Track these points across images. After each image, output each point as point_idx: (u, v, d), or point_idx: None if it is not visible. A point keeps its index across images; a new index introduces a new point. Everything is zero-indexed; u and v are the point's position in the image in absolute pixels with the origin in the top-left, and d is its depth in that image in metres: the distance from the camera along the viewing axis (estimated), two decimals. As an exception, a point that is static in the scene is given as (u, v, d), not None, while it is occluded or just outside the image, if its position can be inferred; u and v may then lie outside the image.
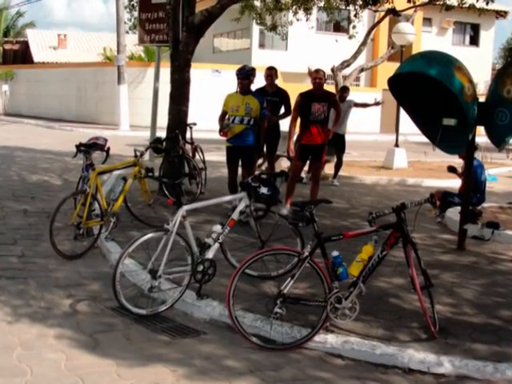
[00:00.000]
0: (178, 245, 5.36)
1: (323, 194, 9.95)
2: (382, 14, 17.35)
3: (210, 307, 5.29)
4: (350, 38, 18.26)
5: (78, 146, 7.38)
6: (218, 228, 5.55)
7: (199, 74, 22.51)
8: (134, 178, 7.76)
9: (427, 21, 36.58)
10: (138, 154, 7.81)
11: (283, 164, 12.62)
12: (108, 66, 27.99)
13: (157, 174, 9.34)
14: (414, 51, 21.66)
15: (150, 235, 5.28)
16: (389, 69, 14.47)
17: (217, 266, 5.50)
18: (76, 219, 6.97)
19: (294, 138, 9.38)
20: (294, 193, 9.06)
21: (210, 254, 5.45)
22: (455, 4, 14.93)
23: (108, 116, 27.25)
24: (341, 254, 4.94)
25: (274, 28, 18.65)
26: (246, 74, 8.42)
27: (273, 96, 9.77)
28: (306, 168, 10.92)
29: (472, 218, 8.25)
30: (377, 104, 14.38)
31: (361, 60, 20.57)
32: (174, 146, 9.89)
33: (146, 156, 10.08)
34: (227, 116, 8.59)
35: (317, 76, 8.78)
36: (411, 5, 13.11)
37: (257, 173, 6.87)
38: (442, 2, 15.36)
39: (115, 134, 22.41)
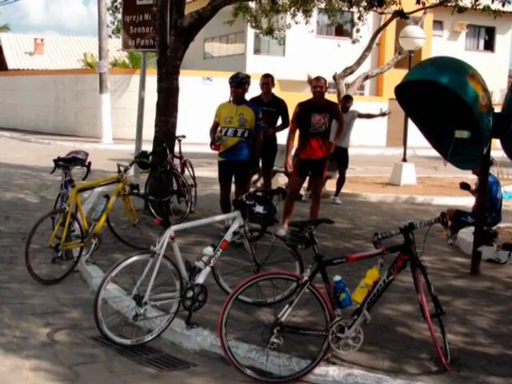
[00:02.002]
0: (166, 269, 5.37)
1: (324, 213, 10.00)
2: (389, 16, 17.50)
3: (201, 337, 5.30)
4: (354, 42, 18.43)
5: (56, 161, 7.42)
6: (209, 250, 5.57)
7: (189, 82, 22.64)
8: (117, 195, 7.78)
9: (438, 24, 36.91)
10: (122, 169, 7.84)
11: (280, 180, 12.66)
12: (89, 73, 28.15)
13: (142, 191, 9.38)
14: (424, 57, 21.81)
15: (134, 258, 5.29)
16: (396, 76, 14.59)
17: (208, 292, 5.51)
18: (54, 241, 6.99)
19: (293, 151, 9.44)
20: (292, 212, 9.09)
21: (200, 279, 5.46)
22: (468, 5, 15.06)
23: (89, 128, 27.32)
24: (343, 279, 4.96)
25: (270, 32, 18.78)
26: (239, 82, 8.46)
27: (269, 106, 9.81)
28: (305, 185, 10.97)
29: (487, 240, 8.28)
30: (383, 115, 14.44)
31: (365, 67, 20.73)
32: (161, 161, 9.92)
33: (131, 171, 10.12)
34: (219, 128, 8.63)
35: (317, 84, 8.83)
36: (420, 6, 13.22)
37: (252, 190, 6.91)
38: (454, 4, 15.47)
39: (97, 147, 22.49)
